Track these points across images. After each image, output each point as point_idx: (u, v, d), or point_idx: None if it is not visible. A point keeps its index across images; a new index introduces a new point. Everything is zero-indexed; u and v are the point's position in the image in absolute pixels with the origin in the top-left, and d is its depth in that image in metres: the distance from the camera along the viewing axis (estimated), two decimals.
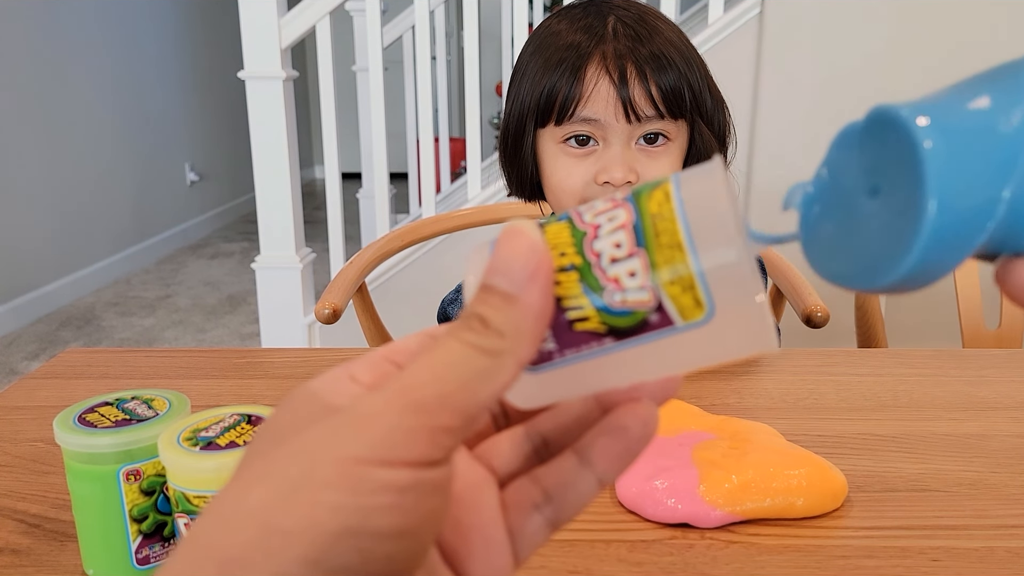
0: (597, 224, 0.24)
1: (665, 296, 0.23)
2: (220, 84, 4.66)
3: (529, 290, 0.23)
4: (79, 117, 3.45)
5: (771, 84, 2.09)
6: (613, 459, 0.27)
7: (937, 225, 0.21)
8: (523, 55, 0.83)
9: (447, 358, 0.22)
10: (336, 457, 0.21)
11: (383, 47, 2.24)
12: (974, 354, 0.87)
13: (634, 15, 0.79)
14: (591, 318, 0.24)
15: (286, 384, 0.80)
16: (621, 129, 0.77)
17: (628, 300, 0.24)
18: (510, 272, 0.23)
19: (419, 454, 0.21)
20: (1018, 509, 0.58)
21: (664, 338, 0.24)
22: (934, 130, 0.21)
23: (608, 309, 0.24)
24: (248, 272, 3.70)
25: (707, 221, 0.23)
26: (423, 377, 0.22)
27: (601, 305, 0.24)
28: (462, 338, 0.23)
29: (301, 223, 2.33)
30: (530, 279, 0.23)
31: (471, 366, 0.22)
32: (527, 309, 0.23)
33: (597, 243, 0.24)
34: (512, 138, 0.82)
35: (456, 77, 5.11)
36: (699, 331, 0.24)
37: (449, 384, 0.22)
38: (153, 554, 0.50)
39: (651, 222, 0.24)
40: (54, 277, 3.28)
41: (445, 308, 0.92)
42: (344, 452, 0.21)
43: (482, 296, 0.23)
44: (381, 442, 0.21)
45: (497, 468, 0.28)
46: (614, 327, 0.24)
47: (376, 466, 0.21)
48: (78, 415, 0.50)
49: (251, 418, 0.48)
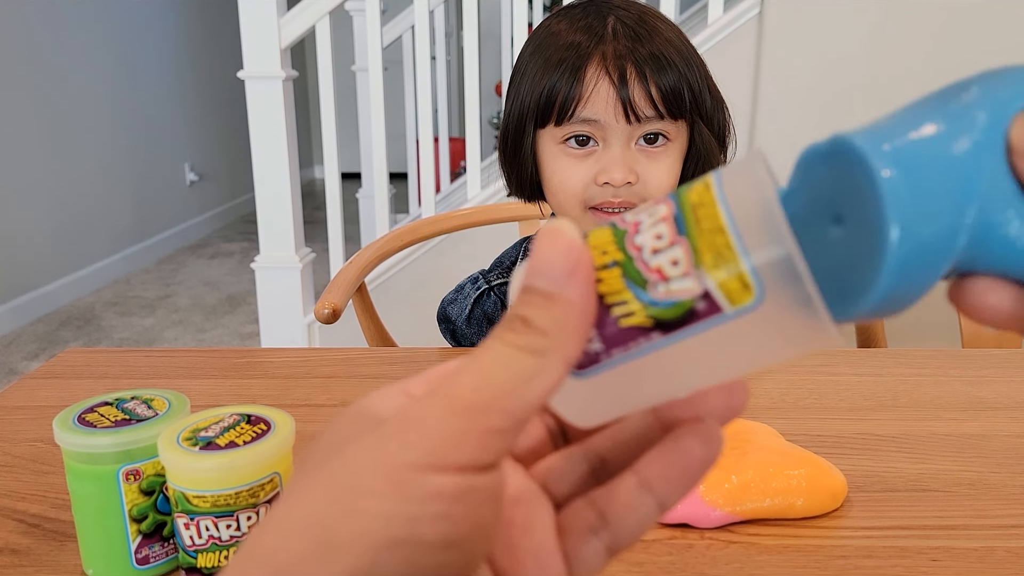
0: (638, 221, 0.24)
1: (710, 281, 0.22)
2: (220, 84, 4.66)
3: (570, 286, 0.22)
4: (79, 117, 3.45)
5: (771, 84, 2.09)
6: (674, 482, 0.25)
7: (901, 253, 0.20)
8: (523, 55, 0.83)
9: (491, 360, 0.22)
10: (384, 465, 0.21)
11: (383, 47, 2.24)
12: (974, 354, 0.87)
13: (634, 15, 0.79)
14: (636, 312, 0.23)
15: (286, 384, 0.80)
16: (621, 130, 0.77)
17: (673, 289, 0.23)
18: (549, 270, 0.23)
19: (468, 457, 0.21)
20: (1017, 509, 0.58)
21: (714, 328, 0.23)
22: (891, 158, 0.21)
23: (654, 301, 0.23)
24: (248, 272, 3.70)
25: (749, 205, 0.23)
26: (468, 380, 0.22)
27: (646, 298, 0.23)
28: (505, 339, 0.22)
29: (301, 223, 2.33)
30: (570, 275, 0.23)
31: (516, 366, 0.22)
32: (569, 305, 0.22)
33: (638, 237, 0.23)
34: (512, 138, 0.82)
35: (456, 77, 5.11)
36: (750, 318, 0.23)
37: (495, 385, 0.21)
38: (152, 554, 0.50)
39: (691, 211, 0.23)
40: (54, 277, 3.28)
41: (445, 308, 0.92)
42: (392, 460, 0.21)
43: (523, 298, 0.23)
44: (429, 447, 0.21)
45: (553, 489, 0.27)
46: (661, 319, 0.23)
47: (425, 472, 0.20)
48: (78, 415, 0.50)
49: (250, 418, 0.48)
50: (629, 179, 0.77)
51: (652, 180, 0.79)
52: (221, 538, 0.45)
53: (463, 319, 0.89)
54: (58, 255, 3.31)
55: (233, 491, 0.45)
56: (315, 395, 0.77)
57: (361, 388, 0.79)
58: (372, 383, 0.80)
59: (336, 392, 0.78)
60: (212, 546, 0.45)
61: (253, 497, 0.45)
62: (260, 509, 0.46)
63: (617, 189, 0.78)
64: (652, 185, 0.79)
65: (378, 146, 2.28)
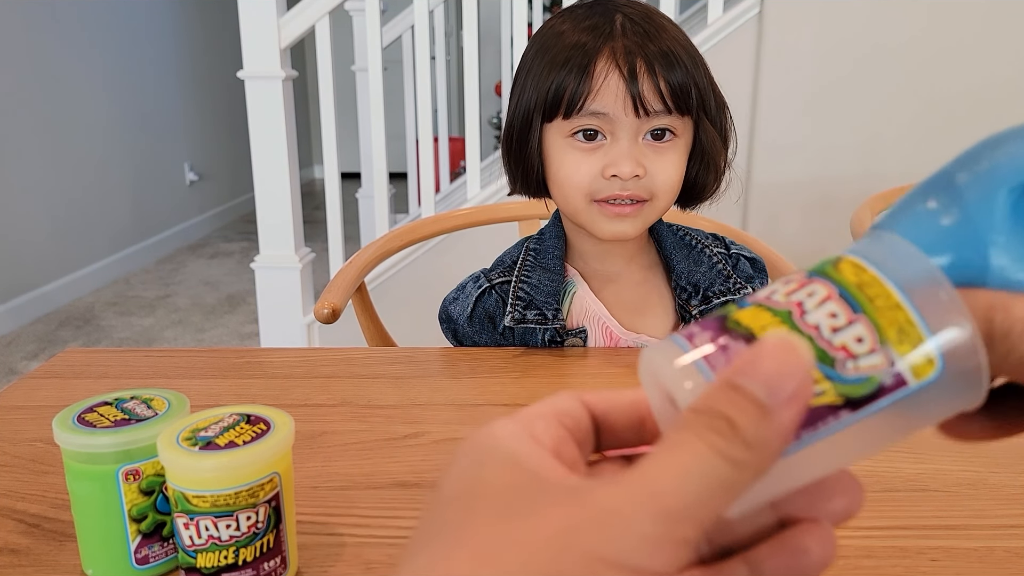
0: (798, 301, 0.24)
1: (897, 356, 0.23)
2: (219, 84, 4.66)
3: (788, 410, 0.22)
4: (79, 117, 3.45)
5: (770, 84, 2.09)
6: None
7: None
8: (525, 57, 0.83)
9: (694, 465, 0.22)
10: (584, 553, 0.21)
11: (382, 47, 2.24)
12: None
13: (641, 13, 0.80)
14: (827, 392, 0.23)
15: (285, 384, 0.80)
16: (629, 123, 0.77)
17: (861, 366, 0.23)
18: (774, 384, 0.22)
19: (661, 565, 0.21)
20: (1017, 509, 0.58)
21: (898, 401, 0.23)
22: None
23: (843, 379, 0.23)
24: (247, 272, 3.70)
25: (919, 281, 0.23)
26: (670, 484, 0.21)
27: (836, 376, 0.23)
28: (710, 441, 0.22)
29: (300, 223, 2.33)
30: (791, 399, 0.22)
31: (717, 476, 0.22)
32: (780, 427, 0.22)
33: (809, 317, 0.24)
34: (517, 134, 0.83)
35: (455, 77, 5.11)
36: (928, 390, 0.23)
37: (695, 493, 0.21)
38: (152, 554, 0.50)
39: (857, 290, 0.24)
40: (53, 277, 3.28)
41: (447, 307, 0.92)
42: (592, 550, 0.21)
43: (732, 397, 0.22)
44: (630, 548, 0.21)
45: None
46: (851, 397, 0.23)
47: (620, 571, 0.21)
48: (77, 415, 0.50)
49: (250, 418, 0.48)
50: (637, 172, 0.78)
51: (659, 175, 0.79)
52: (221, 538, 0.45)
53: (465, 318, 0.89)
54: (57, 255, 3.31)
55: (233, 491, 0.45)
56: (315, 395, 0.77)
57: (361, 388, 0.79)
58: (372, 383, 0.80)
59: (336, 392, 0.78)
60: (212, 546, 0.45)
61: (253, 497, 0.45)
62: (259, 509, 0.46)
63: (625, 182, 0.78)
64: (659, 179, 0.79)
65: (378, 146, 2.28)
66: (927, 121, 2.04)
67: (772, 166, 2.12)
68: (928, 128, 2.03)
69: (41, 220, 3.22)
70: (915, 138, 2.05)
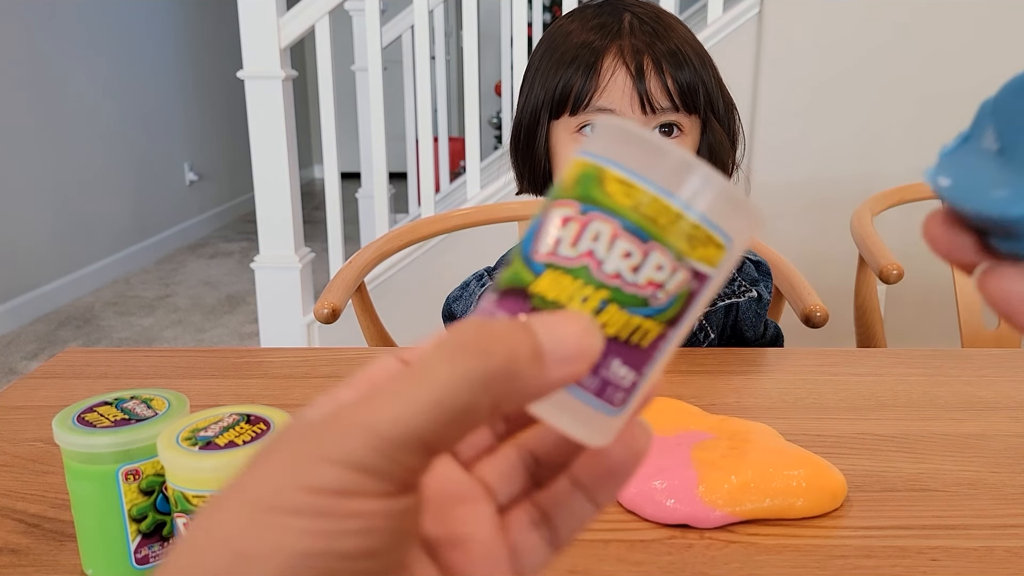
0: (589, 250, 0.24)
1: (695, 262, 0.24)
2: (219, 84, 4.66)
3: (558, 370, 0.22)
4: (79, 117, 3.45)
5: (770, 84, 2.09)
6: (600, 483, 0.27)
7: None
8: (534, 56, 0.84)
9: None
10: (302, 484, 0.21)
11: (382, 47, 2.24)
12: (973, 354, 0.87)
13: (650, 13, 0.80)
14: (651, 328, 0.24)
15: (285, 384, 0.80)
16: (636, 120, 0.77)
17: (670, 289, 0.24)
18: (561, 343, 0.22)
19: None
20: (1017, 509, 0.58)
21: (706, 292, 0.25)
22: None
23: (660, 310, 0.24)
24: (247, 272, 3.69)
25: (672, 173, 0.24)
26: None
27: (653, 311, 0.24)
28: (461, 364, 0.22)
29: (300, 223, 2.33)
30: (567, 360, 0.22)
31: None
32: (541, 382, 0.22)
33: (607, 266, 0.23)
34: (525, 132, 0.83)
35: (455, 77, 5.10)
36: (727, 260, 0.24)
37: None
38: (152, 554, 0.50)
39: (639, 216, 0.23)
40: (53, 277, 3.28)
41: (450, 305, 0.93)
42: (310, 480, 0.21)
43: (515, 329, 0.23)
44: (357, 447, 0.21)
45: (494, 488, 0.28)
46: (671, 318, 0.24)
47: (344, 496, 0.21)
48: (77, 415, 0.50)
49: (250, 418, 0.48)
50: None
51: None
52: None
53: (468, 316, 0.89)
54: (58, 255, 3.31)
55: None
56: (315, 395, 0.77)
57: None
58: None
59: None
60: None
61: None
62: None
63: None
64: None
65: (378, 146, 2.28)
66: (927, 121, 2.04)
67: (772, 166, 2.12)
68: (928, 128, 2.03)
69: (41, 220, 3.22)
70: (915, 138, 2.05)
